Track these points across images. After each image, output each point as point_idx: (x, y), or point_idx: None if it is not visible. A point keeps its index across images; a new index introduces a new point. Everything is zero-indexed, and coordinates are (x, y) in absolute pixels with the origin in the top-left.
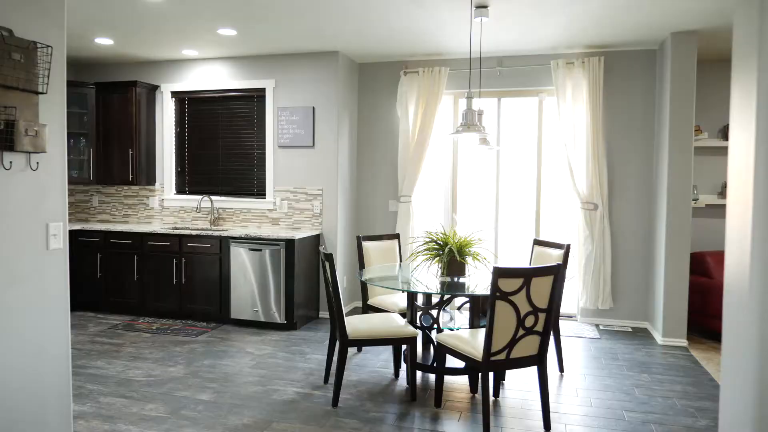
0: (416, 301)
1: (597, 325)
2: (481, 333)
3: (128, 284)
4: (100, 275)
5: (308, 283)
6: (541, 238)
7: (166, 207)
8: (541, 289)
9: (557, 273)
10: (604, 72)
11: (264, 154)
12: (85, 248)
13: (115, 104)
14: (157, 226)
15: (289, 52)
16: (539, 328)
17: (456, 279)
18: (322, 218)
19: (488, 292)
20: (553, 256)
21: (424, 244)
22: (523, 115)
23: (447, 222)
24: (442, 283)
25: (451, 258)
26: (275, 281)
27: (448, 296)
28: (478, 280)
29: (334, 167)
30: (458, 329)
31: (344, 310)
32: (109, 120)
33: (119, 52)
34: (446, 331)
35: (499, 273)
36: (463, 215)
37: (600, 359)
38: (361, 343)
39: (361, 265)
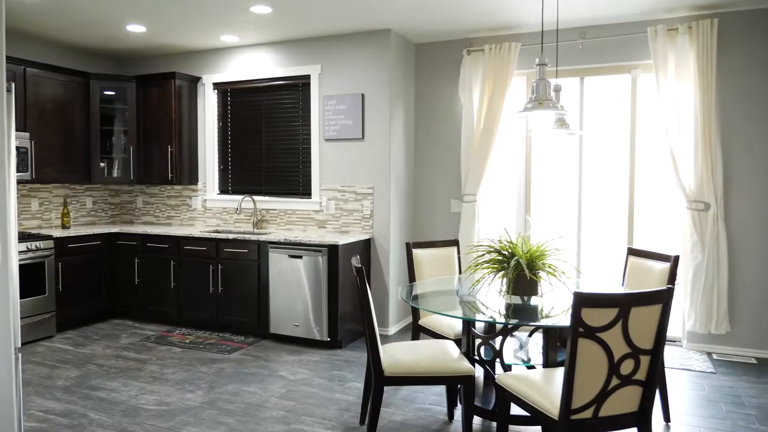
0: (474, 327)
1: (709, 354)
2: (559, 376)
3: (165, 292)
4: (138, 281)
5: (356, 294)
6: (638, 245)
7: (208, 208)
8: (643, 322)
9: (666, 299)
10: (717, 39)
11: (309, 149)
12: (122, 253)
13: (154, 98)
14: (197, 229)
15: (334, 32)
16: (641, 376)
17: (526, 300)
18: (373, 220)
19: (567, 323)
20: (655, 272)
21: (483, 255)
22: (612, 97)
23: (519, 225)
24: (507, 307)
25: (519, 273)
26: (316, 292)
27: (512, 325)
28: (554, 302)
29: (386, 162)
30: (529, 363)
31: (393, 330)
32: (149, 115)
33: (156, 42)
34: (512, 371)
35: (583, 301)
36: (539, 217)
37: (718, 404)
38: (400, 381)
39: (412, 278)
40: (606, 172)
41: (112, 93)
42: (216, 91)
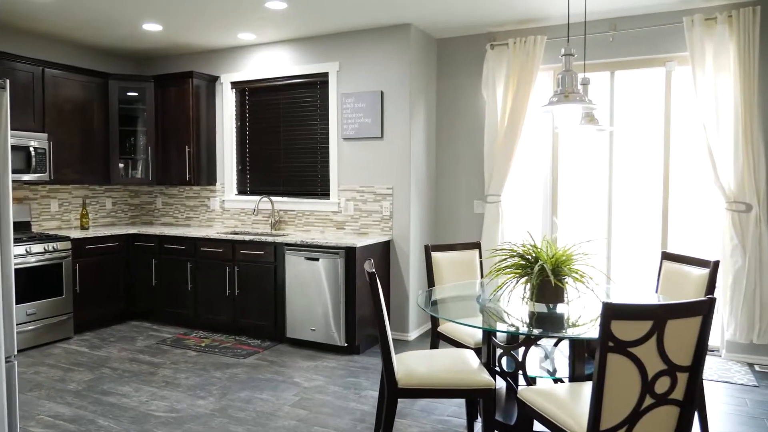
0: (495, 336)
1: (751, 366)
2: (586, 392)
3: (182, 294)
4: (155, 283)
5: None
6: (673, 249)
7: (226, 209)
8: (681, 336)
9: (707, 311)
10: (760, 28)
11: (328, 148)
12: (140, 254)
13: (172, 98)
14: (215, 231)
15: (352, 28)
16: (678, 395)
17: (551, 307)
18: (393, 222)
19: (596, 335)
20: (693, 278)
21: (505, 259)
22: (645, 91)
23: (545, 227)
24: (531, 315)
25: (544, 279)
26: (333, 296)
27: (535, 336)
28: (581, 310)
29: (406, 161)
30: (554, 376)
31: (413, 335)
32: (167, 115)
33: (173, 41)
34: (536, 384)
35: (613, 312)
36: (566, 219)
37: (761, 421)
38: (415, 394)
39: (431, 282)
40: (638, 171)
41: (131, 93)
42: (234, 90)
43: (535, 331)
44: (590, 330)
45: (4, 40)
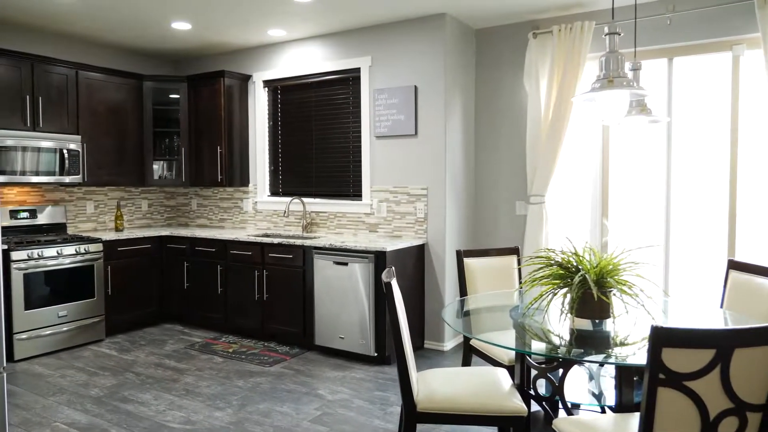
0: (530, 356)
1: None
2: (634, 426)
3: (212, 297)
4: (187, 286)
5: (408, 305)
6: (741, 257)
7: (259, 210)
8: (751, 368)
9: None
10: None
11: (360, 147)
12: (172, 256)
13: (204, 98)
14: (247, 233)
15: (384, 21)
16: None
17: (595, 324)
18: (427, 224)
19: (644, 361)
20: (766, 292)
21: (541, 268)
22: (708, 79)
23: (595, 230)
24: (571, 333)
25: (586, 291)
26: (363, 303)
27: (572, 358)
28: (630, 328)
29: (441, 160)
30: (598, 404)
31: (449, 345)
32: (200, 116)
33: (204, 40)
34: (576, 412)
35: (665, 338)
36: (618, 221)
37: None
38: (436, 419)
39: (463, 291)
40: (701, 169)
41: (165, 94)
42: (266, 89)
43: (574, 353)
44: (639, 353)
45: (41, 43)
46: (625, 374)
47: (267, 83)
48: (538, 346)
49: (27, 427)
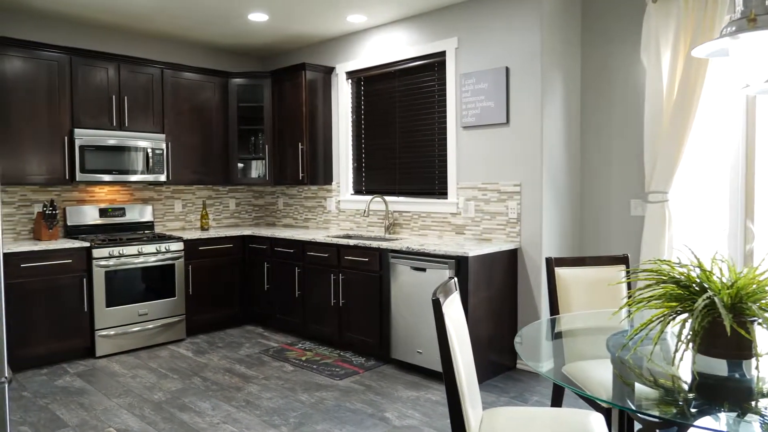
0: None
1: None
2: None
3: (291, 300)
4: (267, 287)
5: (496, 318)
6: None
7: (342, 210)
8: None
9: None
10: None
11: (446, 139)
12: (254, 256)
13: (287, 93)
14: (329, 233)
15: None
16: None
17: (731, 366)
18: (520, 226)
19: None
20: None
21: (649, 285)
22: None
23: (736, 236)
24: (692, 379)
25: (715, 320)
26: None
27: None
28: None
29: (538, 152)
30: None
31: (546, 366)
32: (283, 112)
33: (283, 31)
34: None
35: None
36: (766, 224)
37: None
38: None
39: (554, 309)
40: None
41: (251, 91)
42: (349, 80)
43: (693, 408)
44: None
45: (127, 44)
46: None
47: (350, 74)
48: (643, 392)
49: (82, 429)
